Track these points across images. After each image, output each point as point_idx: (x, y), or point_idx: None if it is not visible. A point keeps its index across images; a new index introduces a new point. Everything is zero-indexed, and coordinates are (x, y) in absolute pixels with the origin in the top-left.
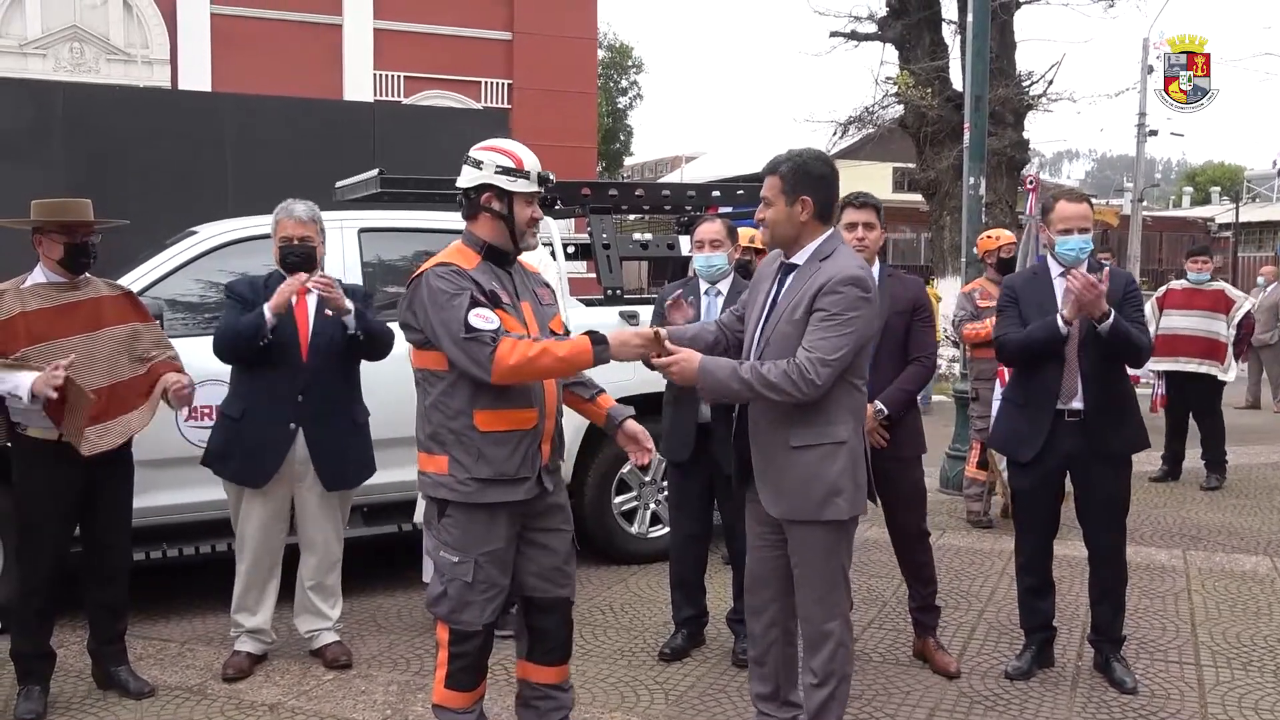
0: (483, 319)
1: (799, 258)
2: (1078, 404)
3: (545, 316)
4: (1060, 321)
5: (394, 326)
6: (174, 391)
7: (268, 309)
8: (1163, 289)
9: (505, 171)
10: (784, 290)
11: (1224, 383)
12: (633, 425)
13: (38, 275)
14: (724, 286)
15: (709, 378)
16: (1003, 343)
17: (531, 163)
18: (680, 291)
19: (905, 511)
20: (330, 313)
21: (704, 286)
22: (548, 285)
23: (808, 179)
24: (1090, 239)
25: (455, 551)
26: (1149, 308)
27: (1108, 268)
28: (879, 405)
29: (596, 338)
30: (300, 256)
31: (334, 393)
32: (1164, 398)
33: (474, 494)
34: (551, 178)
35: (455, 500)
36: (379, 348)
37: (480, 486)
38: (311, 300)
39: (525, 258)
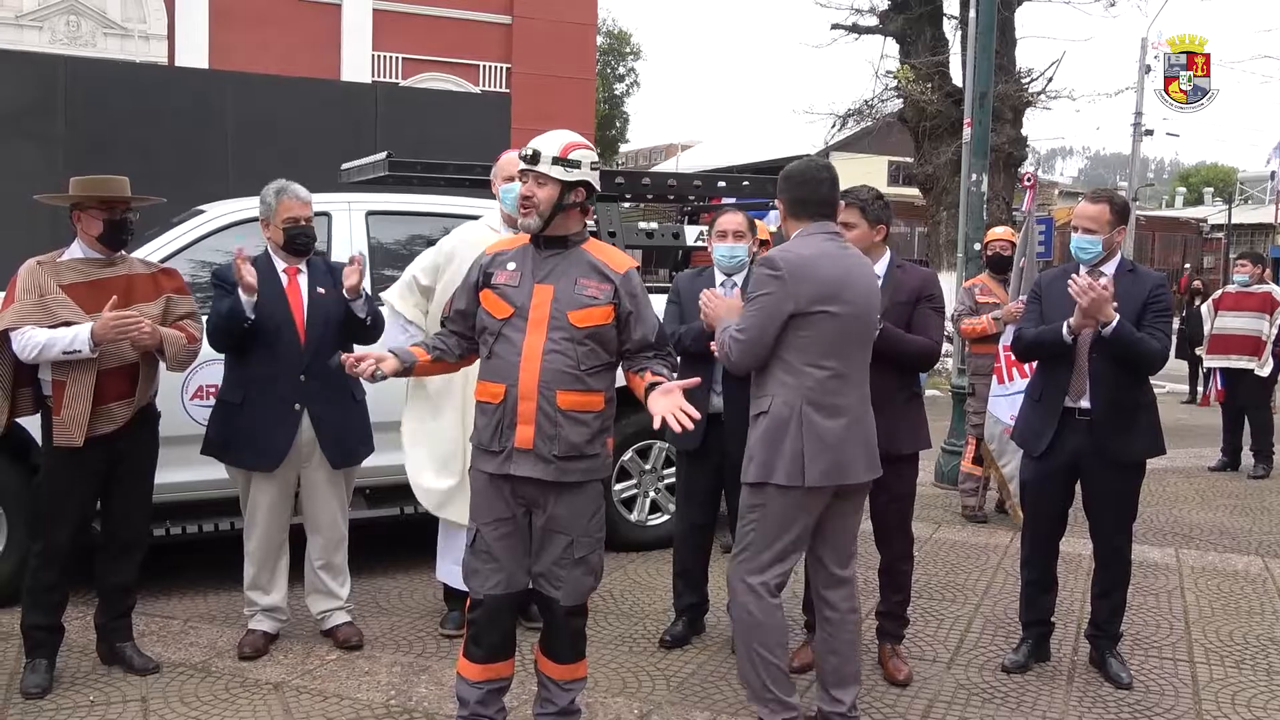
0: None
1: None
2: (1085, 403)
3: (570, 303)
4: (1065, 329)
5: (383, 310)
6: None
7: (243, 291)
8: (1219, 292)
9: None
10: None
11: (1261, 377)
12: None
13: (75, 250)
14: (739, 279)
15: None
16: (1016, 337)
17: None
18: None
19: (894, 511)
20: (347, 296)
21: (720, 277)
22: (610, 280)
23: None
24: (1096, 240)
25: (470, 517)
26: (1204, 309)
27: (1109, 276)
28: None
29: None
30: (310, 238)
31: (334, 370)
32: (1220, 392)
33: (472, 457)
34: (528, 153)
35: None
36: (379, 332)
37: (475, 452)
38: (303, 280)
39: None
